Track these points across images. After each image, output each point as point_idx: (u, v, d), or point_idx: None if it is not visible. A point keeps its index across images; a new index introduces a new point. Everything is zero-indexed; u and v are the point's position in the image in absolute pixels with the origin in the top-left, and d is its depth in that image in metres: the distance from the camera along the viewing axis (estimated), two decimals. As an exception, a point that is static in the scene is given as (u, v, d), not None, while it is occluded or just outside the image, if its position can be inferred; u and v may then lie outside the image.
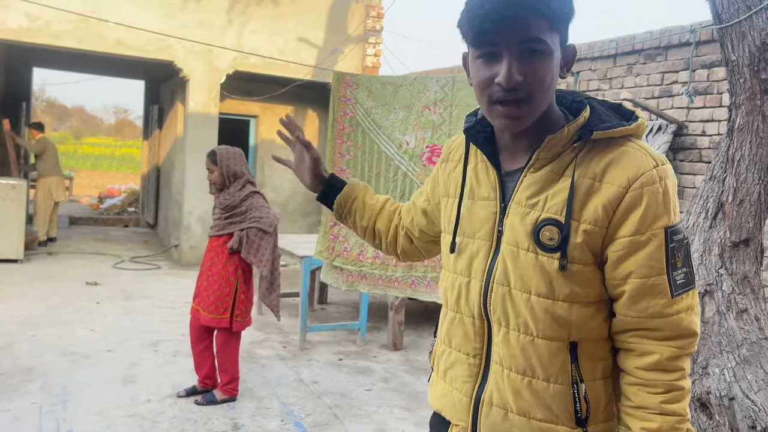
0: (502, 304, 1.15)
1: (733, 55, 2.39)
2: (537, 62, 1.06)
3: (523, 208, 1.14)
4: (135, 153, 29.77)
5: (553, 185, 1.12)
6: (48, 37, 7.25)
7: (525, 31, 1.05)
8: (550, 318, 1.11)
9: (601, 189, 1.08)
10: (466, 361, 1.21)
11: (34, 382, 3.88)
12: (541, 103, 1.10)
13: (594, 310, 1.12)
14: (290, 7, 8.40)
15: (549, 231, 1.10)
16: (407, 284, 3.26)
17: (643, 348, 1.09)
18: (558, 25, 1.08)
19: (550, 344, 1.12)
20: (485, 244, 1.18)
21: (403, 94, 3.21)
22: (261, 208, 3.67)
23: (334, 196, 1.52)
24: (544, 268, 1.10)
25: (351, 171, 3.33)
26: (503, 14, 1.04)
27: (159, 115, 10.75)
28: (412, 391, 4.22)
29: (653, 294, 1.07)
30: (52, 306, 5.68)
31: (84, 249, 8.81)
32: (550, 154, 1.12)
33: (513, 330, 1.14)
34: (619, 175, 1.07)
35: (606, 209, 1.07)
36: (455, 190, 1.28)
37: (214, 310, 3.62)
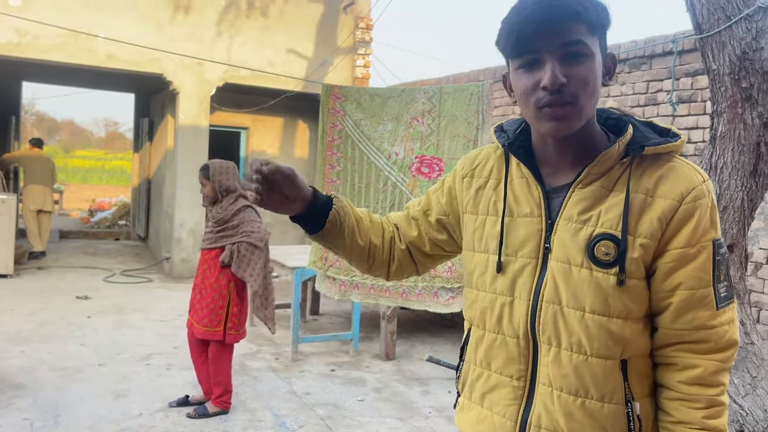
0: (554, 323, 1.12)
1: (714, 65, 2.43)
2: (580, 65, 1.06)
3: (574, 224, 1.11)
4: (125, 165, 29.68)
5: (604, 200, 1.11)
6: (37, 52, 7.26)
7: (566, 34, 1.05)
8: (605, 335, 1.09)
9: (654, 203, 1.08)
10: (509, 384, 1.17)
11: (25, 398, 3.85)
12: (587, 108, 1.09)
13: (643, 325, 1.12)
14: (279, 20, 8.45)
15: (605, 246, 1.08)
16: (398, 293, 3.28)
17: (686, 362, 1.09)
18: (597, 29, 1.08)
19: (605, 363, 1.09)
20: (530, 262, 1.15)
21: (391, 105, 3.24)
22: (252, 223, 3.68)
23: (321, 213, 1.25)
24: (599, 285, 1.09)
25: (341, 182, 3.36)
26: (542, 18, 1.04)
27: (149, 127, 10.74)
28: (404, 401, 4.23)
29: (700, 305, 1.08)
30: (42, 321, 5.65)
31: (74, 263, 8.77)
32: (601, 169, 1.11)
33: (565, 350, 1.11)
34: (672, 189, 1.08)
35: (661, 222, 1.07)
36: (492, 207, 1.22)
37: (208, 323, 3.62)
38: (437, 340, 5.83)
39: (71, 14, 7.30)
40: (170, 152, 8.81)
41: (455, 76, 6.95)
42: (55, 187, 16.56)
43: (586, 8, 1.05)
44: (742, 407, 2.33)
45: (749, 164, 2.43)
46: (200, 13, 7.99)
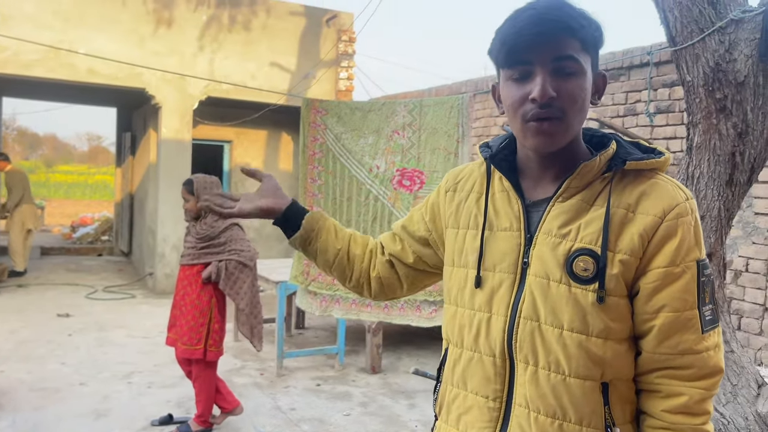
0: (531, 340, 1.08)
1: (689, 76, 2.46)
2: (570, 80, 1.05)
3: (553, 238, 1.09)
4: (108, 180, 29.44)
5: (584, 215, 1.09)
6: (17, 67, 7.19)
7: (558, 49, 1.04)
8: (584, 355, 1.05)
9: (635, 219, 1.06)
10: (485, 405, 1.13)
11: (3, 420, 3.78)
12: (574, 124, 1.08)
13: (626, 347, 1.08)
14: (262, 33, 8.46)
15: (583, 261, 1.05)
16: (380, 308, 3.27)
17: (671, 389, 1.05)
18: (590, 47, 1.08)
19: (584, 384, 1.05)
20: (508, 277, 1.12)
21: (372, 119, 3.24)
22: (241, 241, 3.66)
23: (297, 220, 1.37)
24: (578, 301, 1.05)
25: (323, 196, 3.35)
26: (536, 31, 1.04)
27: (132, 142, 10.67)
28: (390, 415, 4.20)
29: (685, 329, 1.04)
30: (21, 340, 5.56)
31: (55, 280, 8.65)
32: (581, 183, 1.10)
33: (543, 368, 1.07)
34: (654, 205, 1.06)
35: (642, 238, 1.04)
36: (473, 221, 1.21)
37: (188, 341, 3.58)
38: (423, 352, 5.81)
39: (51, 30, 7.26)
40: (153, 166, 8.75)
41: (438, 88, 6.99)
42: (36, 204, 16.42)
43: (581, 25, 1.05)
44: (723, 415, 2.34)
45: (725, 174, 2.46)
46: (182, 28, 7.98)
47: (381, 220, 3.24)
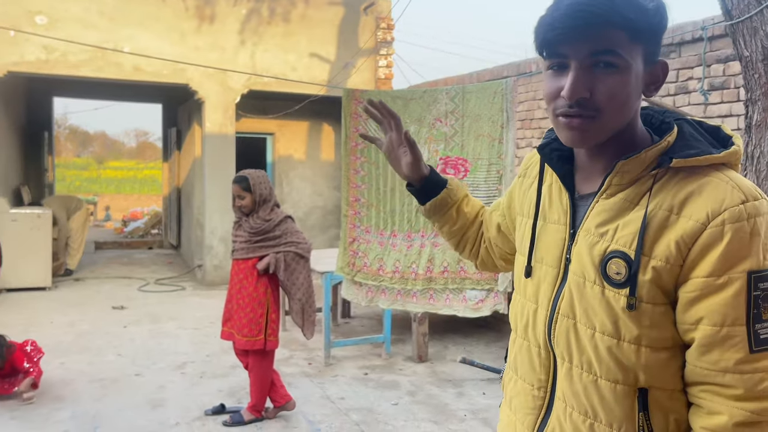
0: (566, 337, 1.06)
1: (746, 51, 2.34)
2: (609, 77, 0.98)
3: (591, 237, 1.05)
4: (156, 174, 30.20)
5: (625, 214, 1.02)
6: (66, 68, 7.41)
7: (597, 42, 0.96)
8: (614, 359, 1.01)
9: (677, 223, 0.97)
10: (530, 392, 1.14)
11: (64, 411, 3.93)
12: (612, 123, 1.00)
13: (668, 356, 1.00)
14: (301, 24, 8.48)
15: (616, 264, 1.00)
16: (426, 298, 3.24)
17: (712, 406, 0.96)
18: (641, 36, 0.98)
19: (615, 387, 1.01)
20: (552, 271, 1.10)
21: (413, 107, 3.20)
22: (297, 234, 3.71)
23: (429, 196, 1.42)
24: (610, 305, 1.01)
25: (366, 187, 3.34)
26: (572, 24, 0.96)
27: (177, 137, 10.89)
28: (438, 404, 4.19)
29: (727, 346, 0.94)
30: (80, 332, 5.76)
31: (110, 273, 8.94)
32: (625, 180, 1.02)
33: (576, 367, 1.05)
34: (699, 208, 0.95)
35: (679, 246, 0.96)
36: (529, 209, 1.20)
37: (248, 333, 3.64)
38: (469, 340, 5.78)
39: (97, 29, 7.44)
40: (198, 160, 8.91)
41: (479, 72, 6.88)
42: (89, 199, 16.98)
43: (625, 15, 0.95)
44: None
45: (788, 153, 2.34)
46: (223, 23, 8.06)
47: (424, 210, 3.21)
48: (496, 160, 3.07)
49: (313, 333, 3.92)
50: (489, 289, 3.10)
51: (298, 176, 9.84)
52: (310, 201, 9.88)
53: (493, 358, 5.14)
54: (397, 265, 3.24)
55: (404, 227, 3.23)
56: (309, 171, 9.89)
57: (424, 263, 3.22)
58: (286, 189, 9.73)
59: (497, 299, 3.12)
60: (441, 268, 3.18)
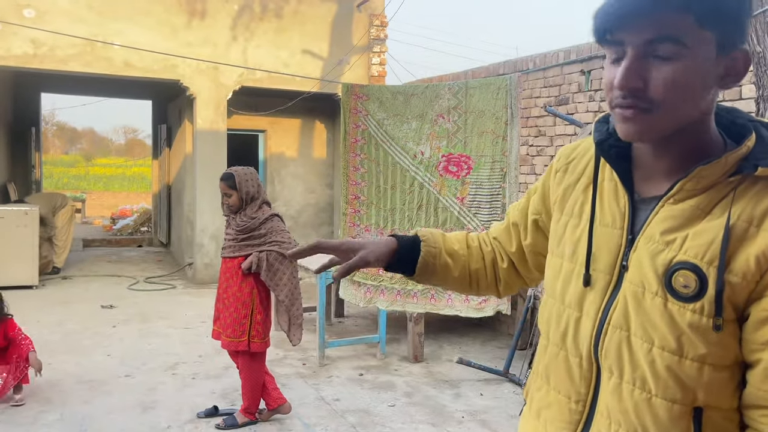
0: (617, 350, 0.98)
1: (759, 47, 2.29)
2: (667, 65, 0.89)
3: (655, 245, 0.95)
4: (146, 171, 29.96)
5: (696, 223, 0.93)
6: (54, 63, 7.27)
7: (655, 29, 0.88)
8: (674, 377, 0.93)
9: (757, 236, 0.89)
10: (566, 405, 1.05)
11: (52, 413, 3.82)
12: (672, 117, 0.92)
13: (729, 375, 0.93)
14: (293, 20, 8.38)
15: (683, 277, 0.92)
16: (426, 298, 3.17)
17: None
18: (711, 22, 0.88)
19: (671, 407, 0.94)
20: (603, 277, 1.01)
21: (415, 103, 3.12)
22: (282, 232, 3.62)
23: (411, 260, 1.26)
24: (674, 319, 0.92)
25: (366, 184, 3.25)
26: (628, 9, 0.89)
27: (167, 133, 10.76)
28: (436, 405, 4.12)
29: None
30: (68, 332, 5.64)
31: (98, 271, 8.80)
32: (699, 186, 0.93)
33: (627, 383, 0.97)
34: None
35: (759, 261, 0.88)
36: (577, 209, 1.09)
37: (232, 333, 3.56)
38: (465, 340, 5.72)
39: (86, 23, 7.30)
40: (189, 157, 8.80)
41: (474, 70, 6.82)
42: (77, 196, 16.77)
43: None
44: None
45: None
46: (214, 18, 7.95)
47: (427, 207, 3.13)
48: (500, 158, 3.00)
49: (300, 338, 3.83)
50: (492, 289, 3.04)
51: (290, 174, 9.75)
52: (302, 198, 9.79)
53: (489, 358, 5.09)
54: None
55: (405, 226, 3.16)
56: (301, 168, 9.80)
57: (425, 263, 3.15)
58: (278, 187, 9.63)
59: (500, 300, 3.05)
60: (442, 267, 3.12)
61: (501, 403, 4.20)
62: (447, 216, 3.16)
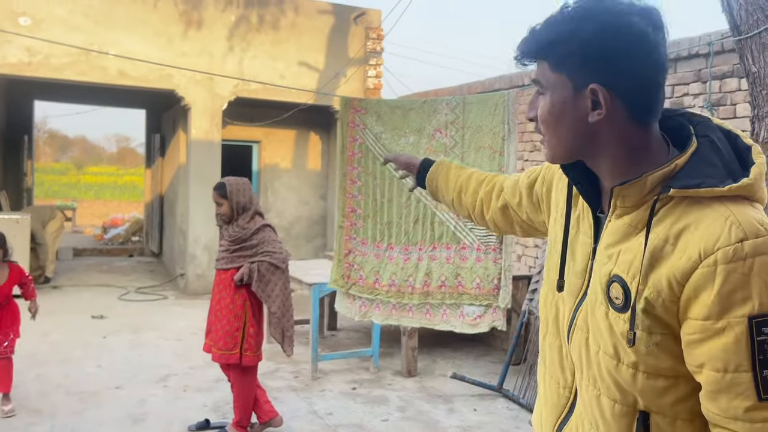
0: (579, 349, 1.08)
1: (754, 67, 2.32)
2: (541, 101, 1.05)
3: (602, 257, 1.03)
4: (137, 180, 29.85)
5: (628, 239, 0.99)
6: (49, 71, 7.25)
7: (535, 72, 1.06)
8: (613, 380, 1.00)
9: (671, 256, 0.92)
10: (556, 390, 1.16)
11: (41, 425, 3.77)
12: (555, 143, 1.04)
13: (666, 385, 0.97)
14: (290, 32, 8.41)
15: (615, 289, 0.98)
16: (422, 313, 3.16)
17: None
18: (564, 65, 0.99)
19: (614, 406, 1.01)
20: (577, 281, 1.10)
21: (413, 117, 3.13)
22: (273, 243, 3.59)
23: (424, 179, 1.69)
24: (612, 327, 0.99)
25: (363, 197, 3.25)
26: (515, 57, 1.07)
27: (161, 143, 10.73)
28: (429, 421, 4.10)
29: (733, 393, 0.89)
30: (57, 342, 5.58)
31: (88, 281, 8.73)
32: (627, 203, 0.99)
33: (585, 379, 1.07)
34: (693, 244, 0.90)
35: (671, 283, 0.92)
36: (560, 215, 1.20)
37: (223, 346, 3.53)
38: (459, 354, 5.70)
39: (82, 32, 7.30)
40: (183, 167, 8.77)
41: (470, 84, 6.86)
42: (68, 204, 16.65)
43: (546, 48, 1.01)
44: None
45: (795, 171, 2.31)
46: (211, 28, 7.96)
47: (423, 221, 3.13)
48: (497, 173, 3.00)
49: (293, 347, 3.81)
50: (487, 305, 3.03)
51: (284, 185, 9.73)
52: (295, 210, 9.76)
53: (482, 373, 5.07)
54: (393, 278, 3.16)
55: (401, 240, 3.16)
56: (295, 180, 9.79)
57: (421, 277, 3.14)
58: (271, 198, 9.61)
59: (496, 315, 3.05)
60: (438, 282, 3.11)
61: (495, 418, 4.18)
62: (443, 230, 3.16)
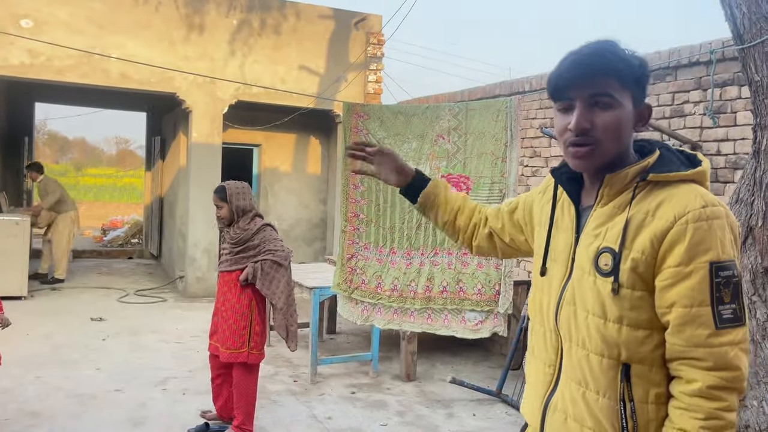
0: (567, 321, 1.31)
1: (757, 76, 2.33)
2: (605, 113, 1.25)
3: (589, 238, 1.31)
4: (136, 182, 29.83)
5: (614, 218, 1.28)
6: (51, 73, 7.25)
7: (595, 87, 1.24)
8: (601, 336, 1.25)
9: (651, 223, 1.21)
10: (542, 370, 1.38)
11: (40, 428, 3.76)
12: (609, 150, 1.27)
13: (644, 335, 1.22)
14: (291, 37, 8.43)
15: (605, 257, 1.25)
16: (424, 318, 3.16)
17: (688, 375, 1.18)
18: (629, 84, 1.26)
19: (601, 360, 1.25)
20: (561, 269, 1.36)
21: (415, 123, 3.14)
22: (275, 241, 3.66)
23: (418, 192, 1.72)
24: (599, 291, 1.25)
25: (366, 202, 3.26)
26: (576, 74, 1.25)
27: (161, 146, 10.73)
28: (428, 425, 4.10)
29: (696, 324, 1.16)
30: (57, 345, 5.58)
31: (88, 283, 8.71)
32: (613, 191, 1.29)
33: (574, 344, 1.30)
34: (668, 211, 1.20)
35: (653, 241, 1.20)
36: (545, 221, 1.46)
37: (232, 345, 3.58)
38: (458, 359, 5.70)
39: (84, 35, 7.30)
40: (183, 170, 8.77)
41: (470, 90, 6.87)
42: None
43: (617, 68, 1.24)
44: None
45: (796, 179, 2.31)
46: (213, 32, 7.98)
47: (426, 227, 3.14)
48: (498, 179, 3.02)
49: (296, 343, 3.85)
50: (489, 310, 3.03)
51: (284, 188, 9.74)
52: (295, 213, 9.77)
53: (481, 378, 5.07)
54: (395, 283, 3.17)
55: (404, 245, 3.16)
56: (295, 183, 9.80)
57: (423, 282, 3.14)
58: (271, 201, 9.61)
59: (497, 321, 3.05)
60: (440, 287, 3.11)
61: (494, 424, 4.18)
62: (445, 236, 3.17)
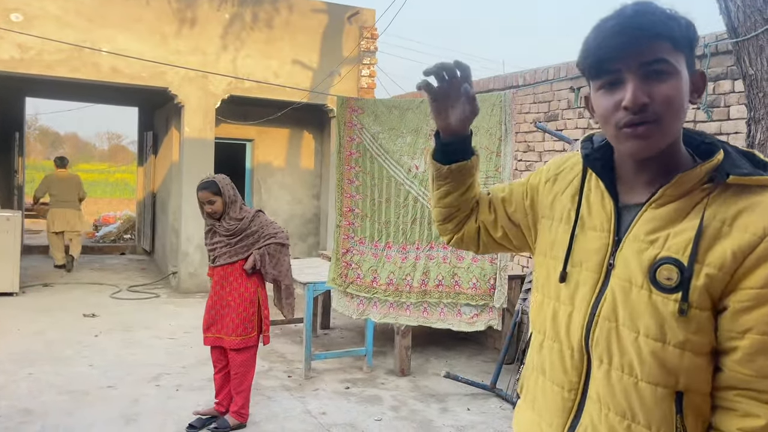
0: (607, 340, 1.09)
1: (751, 69, 2.33)
2: (663, 83, 1.02)
3: (640, 244, 1.08)
4: (128, 178, 29.67)
5: (676, 224, 1.06)
6: (41, 68, 7.19)
7: (646, 54, 1.02)
8: (657, 362, 1.04)
9: (730, 234, 1.01)
10: (559, 395, 1.16)
11: (33, 424, 3.74)
12: (671, 127, 1.05)
13: (707, 361, 1.04)
14: (284, 31, 8.38)
15: (667, 270, 1.04)
16: (419, 311, 3.16)
17: (749, 410, 1.01)
18: (682, 46, 1.04)
19: (655, 390, 1.05)
20: (592, 276, 1.13)
21: (410, 117, 3.13)
22: (272, 224, 3.75)
23: (455, 156, 1.33)
24: (658, 309, 1.04)
25: (361, 197, 3.25)
26: (620, 41, 1.03)
27: (154, 141, 10.67)
28: (423, 420, 4.10)
29: None
30: (49, 341, 5.54)
31: (80, 279, 8.67)
32: (677, 192, 1.07)
33: (616, 369, 1.08)
34: (754, 223, 1.00)
35: (735, 255, 1.00)
36: (566, 215, 1.22)
37: (243, 332, 3.67)
38: (452, 353, 5.71)
39: (75, 29, 7.24)
40: (175, 165, 8.72)
41: (464, 84, 6.84)
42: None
43: (669, 27, 1.02)
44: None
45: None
46: (204, 26, 7.93)
47: (421, 221, 3.13)
48: (493, 173, 3.02)
49: (294, 312, 3.98)
50: (484, 304, 3.03)
51: (277, 183, 9.71)
52: (289, 208, 9.74)
53: (475, 372, 5.08)
54: (391, 277, 3.16)
55: (399, 239, 3.16)
56: (288, 178, 9.77)
57: (419, 276, 3.14)
58: (264, 196, 9.58)
59: (492, 315, 3.05)
60: (436, 281, 3.11)
61: (488, 418, 4.19)
62: (439, 230, 3.17)
